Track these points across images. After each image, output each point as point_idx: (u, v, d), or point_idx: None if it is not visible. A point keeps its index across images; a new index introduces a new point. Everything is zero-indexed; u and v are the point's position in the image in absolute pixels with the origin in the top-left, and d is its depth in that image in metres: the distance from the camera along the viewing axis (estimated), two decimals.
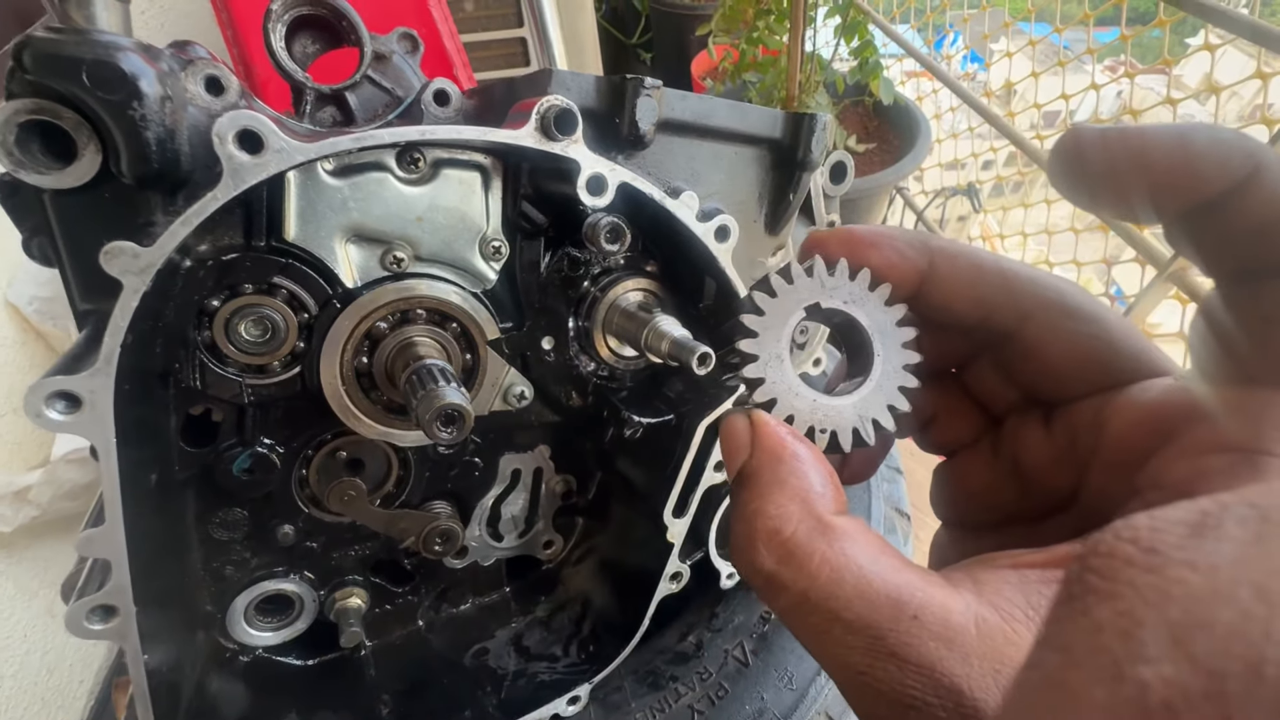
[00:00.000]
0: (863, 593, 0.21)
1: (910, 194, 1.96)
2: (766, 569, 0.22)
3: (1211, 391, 0.22)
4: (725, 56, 1.83)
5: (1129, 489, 0.24)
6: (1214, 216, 0.21)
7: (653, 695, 0.59)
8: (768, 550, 0.22)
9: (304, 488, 0.53)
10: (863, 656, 0.20)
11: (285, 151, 0.34)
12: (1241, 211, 0.21)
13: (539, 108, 0.39)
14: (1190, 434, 0.23)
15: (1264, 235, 0.21)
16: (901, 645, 0.19)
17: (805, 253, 0.30)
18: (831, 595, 0.21)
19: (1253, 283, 0.22)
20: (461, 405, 0.40)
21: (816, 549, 0.22)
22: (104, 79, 0.34)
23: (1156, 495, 0.22)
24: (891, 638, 0.20)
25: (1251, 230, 0.21)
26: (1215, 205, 0.21)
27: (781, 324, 0.28)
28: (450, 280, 0.50)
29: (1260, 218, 0.20)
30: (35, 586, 1.37)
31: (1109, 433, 0.25)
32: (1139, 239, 1.06)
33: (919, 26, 1.92)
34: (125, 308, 0.32)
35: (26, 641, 1.36)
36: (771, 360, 0.28)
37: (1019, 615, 0.20)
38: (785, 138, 0.51)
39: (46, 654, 1.40)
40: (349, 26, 0.57)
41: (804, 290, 0.28)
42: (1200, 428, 0.22)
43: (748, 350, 0.27)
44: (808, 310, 0.28)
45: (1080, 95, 1.37)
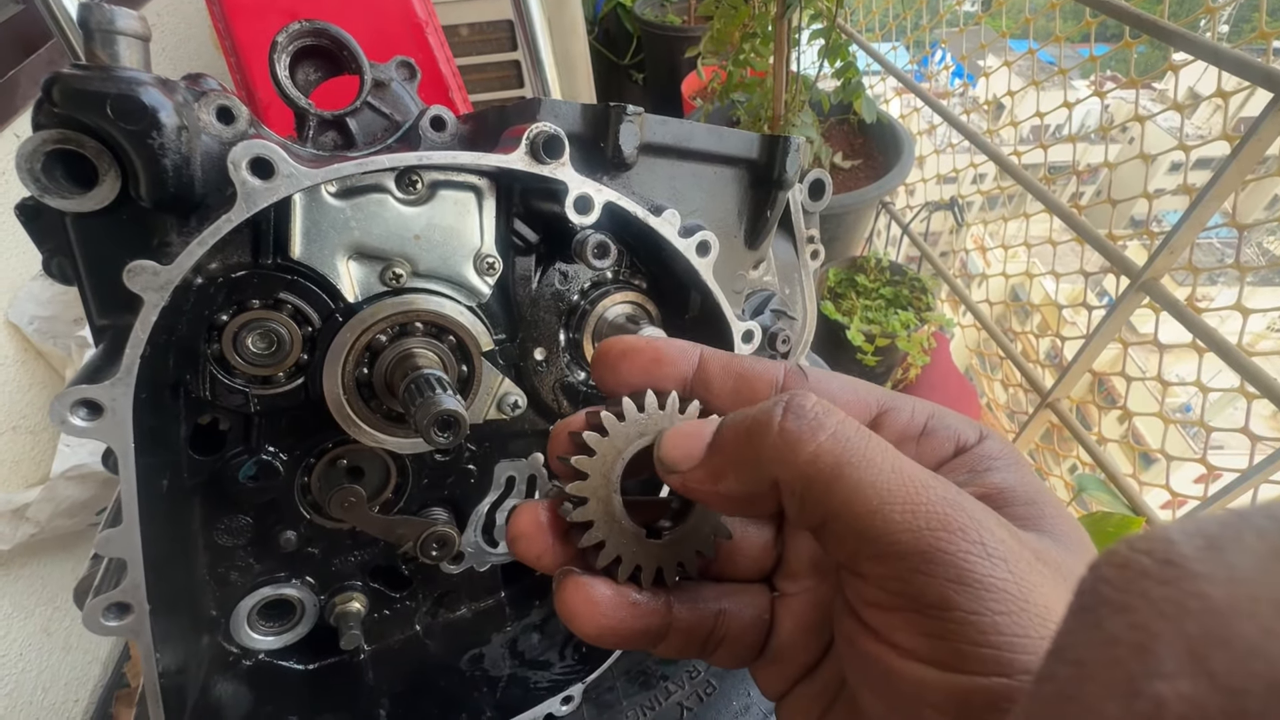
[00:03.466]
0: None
1: (897, 208, 2.01)
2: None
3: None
4: (714, 77, 1.89)
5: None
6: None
7: (643, 694, 0.61)
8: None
9: (306, 495, 0.55)
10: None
11: (294, 176, 0.37)
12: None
13: (529, 133, 0.42)
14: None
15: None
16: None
17: (605, 360, 0.30)
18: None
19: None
20: (457, 411, 0.42)
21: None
22: (127, 111, 0.36)
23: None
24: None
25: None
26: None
27: (613, 462, 0.28)
28: (447, 295, 0.52)
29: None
30: (32, 605, 1.38)
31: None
32: (1112, 250, 1.10)
33: (907, 44, 1.98)
34: (145, 322, 0.35)
35: (22, 660, 1.36)
36: (600, 502, 0.28)
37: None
38: (761, 158, 0.54)
39: (42, 672, 1.40)
40: (349, 56, 0.60)
41: (634, 427, 0.29)
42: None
43: (576, 494, 0.28)
44: (641, 448, 0.29)
45: (1055, 111, 1.42)
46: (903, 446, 0.27)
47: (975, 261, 2.32)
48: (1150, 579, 0.12)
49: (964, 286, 1.83)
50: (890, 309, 1.77)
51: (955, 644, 0.20)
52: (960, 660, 0.20)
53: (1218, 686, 0.11)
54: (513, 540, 0.30)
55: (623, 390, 0.30)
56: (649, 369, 0.30)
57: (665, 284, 0.59)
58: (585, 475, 0.28)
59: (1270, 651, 0.11)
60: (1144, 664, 0.12)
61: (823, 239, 0.74)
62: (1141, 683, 0.11)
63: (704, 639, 0.30)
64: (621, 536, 0.29)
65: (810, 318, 0.75)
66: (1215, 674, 0.11)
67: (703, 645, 0.30)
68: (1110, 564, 0.14)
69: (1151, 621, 0.12)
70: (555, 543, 0.29)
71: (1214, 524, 0.13)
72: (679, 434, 0.27)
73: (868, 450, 0.23)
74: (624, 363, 0.30)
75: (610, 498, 0.29)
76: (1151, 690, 0.11)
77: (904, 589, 0.22)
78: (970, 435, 0.28)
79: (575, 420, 0.30)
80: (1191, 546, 0.12)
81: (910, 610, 0.22)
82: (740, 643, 0.30)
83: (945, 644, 0.21)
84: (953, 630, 0.21)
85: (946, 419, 0.29)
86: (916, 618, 0.21)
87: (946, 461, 0.28)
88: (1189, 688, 0.11)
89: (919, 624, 0.21)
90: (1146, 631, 0.12)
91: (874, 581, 0.22)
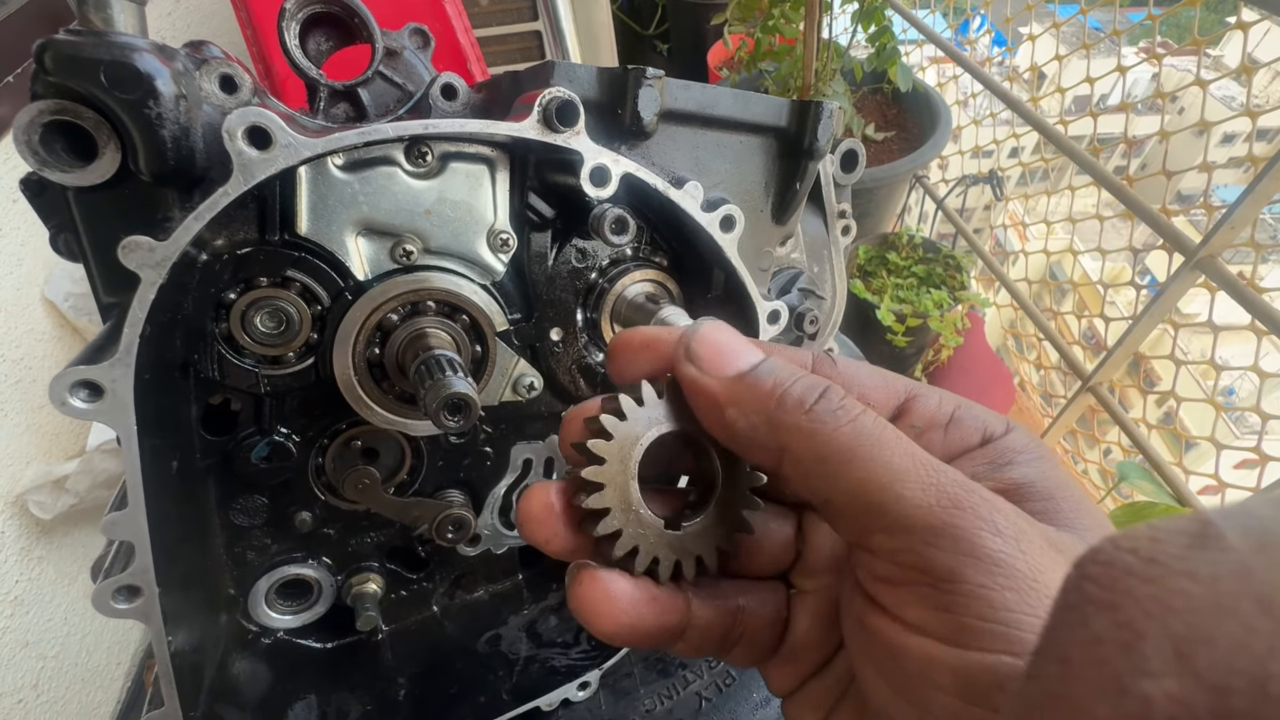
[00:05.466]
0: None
1: (931, 182, 1.93)
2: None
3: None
4: (741, 46, 1.82)
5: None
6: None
7: (662, 682, 0.60)
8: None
9: (320, 476, 0.55)
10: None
11: (292, 147, 0.35)
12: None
13: (541, 99, 0.40)
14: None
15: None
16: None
17: (626, 351, 0.30)
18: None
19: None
20: (467, 394, 0.40)
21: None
22: (121, 79, 0.35)
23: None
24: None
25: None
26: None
27: (631, 448, 0.27)
28: (459, 272, 0.51)
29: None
30: (74, 571, 1.43)
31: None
32: (1166, 225, 1.04)
33: (942, 10, 1.88)
34: (143, 300, 0.34)
35: (67, 624, 1.42)
36: (617, 489, 0.27)
37: None
38: (791, 126, 0.50)
39: (85, 636, 1.46)
40: (361, 24, 0.58)
41: (654, 412, 0.28)
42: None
43: (592, 479, 0.27)
44: (660, 435, 0.28)
45: (1105, 78, 1.33)
46: (930, 433, 0.28)
47: (1011, 238, 2.23)
48: (1135, 577, 0.13)
49: (1000, 264, 1.76)
50: (922, 288, 1.70)
51: (963, 618, 0.21)
52: (967, 635, 0.21)
53: (1203, 684, 0.11)
54: (523, 523, 0.29)
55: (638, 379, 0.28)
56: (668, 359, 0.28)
57: (687, 261, 0.56)
58: (602, 461, 0.27)
59: (1254, 648, 0.11)
60: (1130, 662, 0.12)
61: (855, 214, 0.70)
62: (1128, 681, 0.11)
63: (722, 637, 0.29)
64: (639, 526, 0.27)
65: (840, 297, 0.72)
66: (1201, 672, 0.11)
67: (721, 643, 0.29)
68: (1095, 562, 0.14)
69: (1137, 620, 0.12)
70: (566, 528, 0.29)
71: (1197, 522, 0.13)
72: (718, 340, 0.27)
73: (884, 434, 0.24)
74: (645, 354, 0.29)
75: (628, 485, 0.27)
76: (1138, 689, 0.11)
77: (915, 561, 0.22)
78: (997, 427, 0.28)
79: (590, 405, 0.29)
80: (1176, 545, 0.12)
81: (920, 584, 0.22)
82: (757, 640, 0.30)
83: (953, 618, 0.21)
84: (961, 603, 0.21)
85: (974, 410, 0.29)
86: (926, 591, 0.22)
87: (971, 450, 0.28)
88: (1175, 686, 0.11)
89: (928, 597, 0.22)
90: (1132, 630, 0.12)
91: (885, 555, 0.23)
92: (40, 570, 1.35)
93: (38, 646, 1.34)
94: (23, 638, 1.29)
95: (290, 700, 0.56)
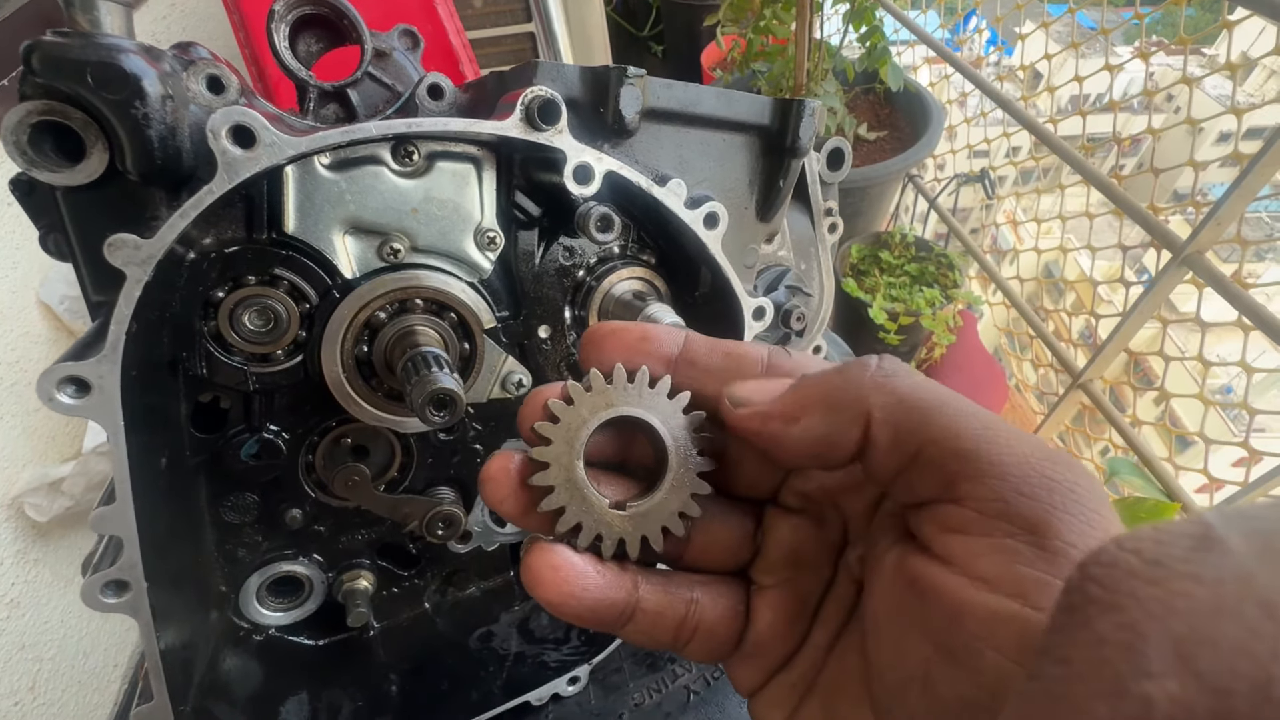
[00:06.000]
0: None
1: (923, 181, 1.93)
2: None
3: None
4: (734, 46, 1.82)
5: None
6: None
7: (650, 676, 0.60)
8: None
9: (311, 473, 0.55)
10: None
11: (276, 145, 0.35)
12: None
13: (523, 99, 0.40)
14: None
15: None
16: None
17: (591, 340, 0.30)
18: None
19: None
20: (452, 390, 0.41)
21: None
22: (107, 79, 0.35)
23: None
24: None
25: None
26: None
27: (578, 430, 0.28)
28: (447, 270, 0.51)
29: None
30: (71, 574, 1.43)
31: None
32: (1153, 222, 1.04)
33: (935, 10, 1.89)
34: (129, 297, 0.34)
35: (64, 626, 1.42)
36: (563, 469, 0.28)
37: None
38: (774, 124, 0.51)
39: (82, 639, 1.46)
40: (350, 25, 0.59)
41: (601, 397, 0.28)
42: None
43: (539, 459, 0.28)
44: (606, 419, 0.28)
45: (1100, 78, 1.33)
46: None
47: (1006, 237, 2.23)
48: (1138, 579, 0.12)
49: (994, 263, 1.76)
50: (915, 286, 1.71)
51: (1044, 574, 0.19)
52: (1044, 594, 0.19)
53: (1204, 686, 0.11)
54: (482, 483, 0.30)
55: (605, 369, 0.29)
56: (635, 347, 0.29)
57: (674, 259, 0.57)
58: (548, 442, 0.28)
59: (1256, 651, 0.11)
60: (1132, 664, 0.12)
61: (846, 214, 0.71)
62: (1130, 682, 0.11)
63: (676, 626, 0.29)
64: (583, 505, 0.28)
65: (828, 294, 0.72)
66: (1202, 674, 0.11)
67: (675, 633, 0.29)
68: (1099, 563, 0.13)
69: (1139, 621, 0.12)
70: (518, 489, 0.29)
71: (1200, 525, 0.13)
72: (752, 382, 0.28)
73: (957, 395, 0.24)
74: (609, 341, 0.29)
75: (573, 465, 0.28)
76: (1139, 690, 0.11)
77: (1003, 510, 0.21)
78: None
79: (551, 389, 0.30)
80: (1179, 547, 0.12)
81: (1002, 535, 0.21)
82: (715, 635, 0.30)
83: (1032, 573, 0.20)
84: (1045, 559, 0.20)
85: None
86: (1008, 542, 0.21)
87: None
88: (1176, 687, 0.11)
89: (1008, 549, 0.21)
90: (1134, 631, 0.12)
91: (971, 503, 0.22)
92: (36, 573, 1.35)
93: (34, 649, 1.34)
94: (19, 640, 1.29)
95: (282, 697, 0.56)
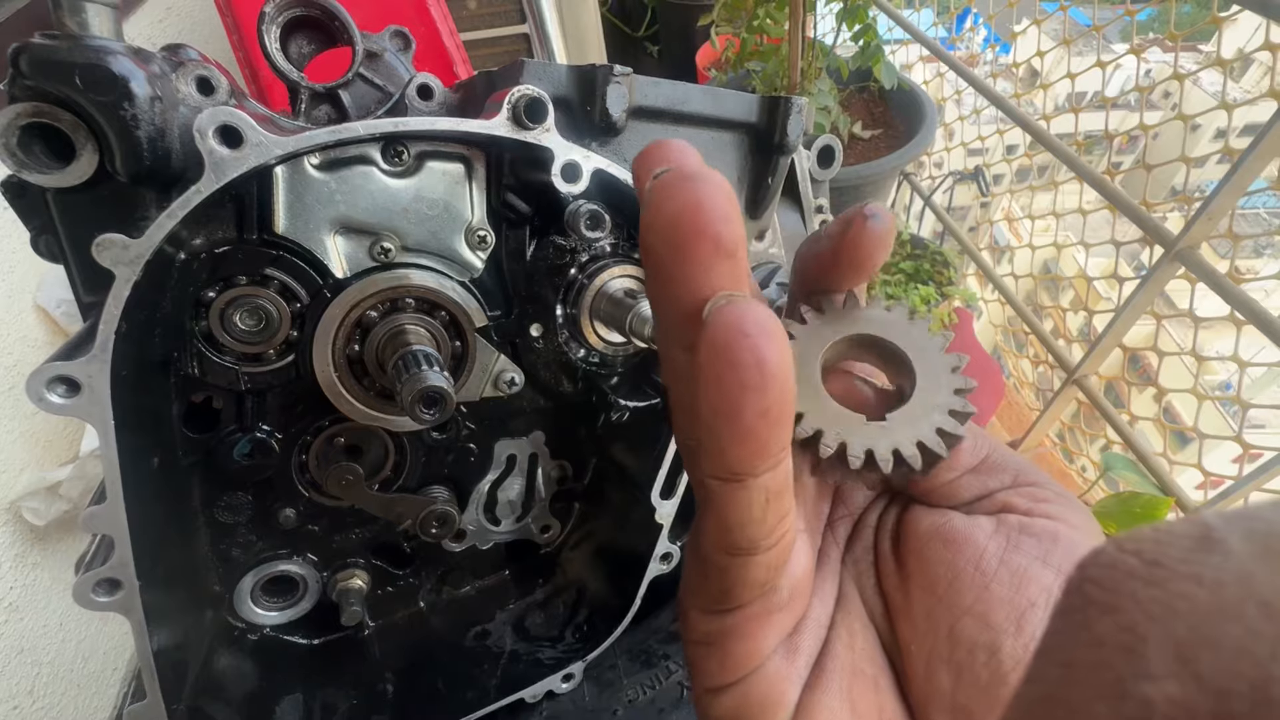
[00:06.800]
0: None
1: (918, 179, 1.94)
2: None
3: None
4: (728, 46, 1.83)
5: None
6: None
7: (645, 672, 0.61)
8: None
9: (304, 473, 0.55)
10: None
11: (264, 145, 0.35)
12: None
13: (510, 97, 0.41)
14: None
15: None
16: None
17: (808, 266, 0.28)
18: None
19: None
20: (442, 388, 0.41)
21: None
22: (96, 81, 0.36)
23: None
24: None
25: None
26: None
27: (816, 352, 0.26)
28: (438, 270, 0.51)
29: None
30: (69, 577, 1.43)
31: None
32: (1145, 217, 1.05)
33: (929, 7, 1.89)
34: (118, 296, 0.34)
35: (62, 630, 1.42)
36: (801, 379, 0.25)
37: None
38: (761, 122, 0.51)
39: (81, 642, 1.46)
40: (341, 26, 0.59)
41: (838, 315, 0.26)
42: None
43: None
44: (847, 334, 0.26)
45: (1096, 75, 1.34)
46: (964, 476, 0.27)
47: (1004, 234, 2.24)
48: (1138, 579, 0.12)
49: (989, 260, 1.77)
50: (910, 284, 1.71)
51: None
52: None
53: (1205, 688, 0.11)
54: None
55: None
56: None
57: None
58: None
59: (1256, 652, 0.10)
60: (1132, 666, 0.12)
61: (840, 212, 0.71)
62: (1129, 684, 0.11)
63: (783, 515, 0.22)
64: (824, 411, 0.25)
65: None
66: (1202, 676, 0.11)
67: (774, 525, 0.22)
68: (1097, 564, 0.13)
69: (1139, 623, 0.12)
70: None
71: (1200, 525, 0.13)
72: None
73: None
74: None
75: (813, 371, 0.25)
76: (1139, 692, 0.11)
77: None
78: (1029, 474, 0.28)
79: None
80: (1179, 548, 0.12)
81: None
82: (786, 555, 0.23)
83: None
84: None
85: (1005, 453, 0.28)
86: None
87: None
88: (1177, 689, 0.11)
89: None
90: (1134, 633, 0.12)
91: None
92: (35, 576, 1.35)
93: (33, 653, 1.34)
94: (17, 644, 1.29)
95: (277, 696, 0.57)
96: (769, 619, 0.24)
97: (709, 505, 0.21)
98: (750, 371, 0.18)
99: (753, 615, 0.24)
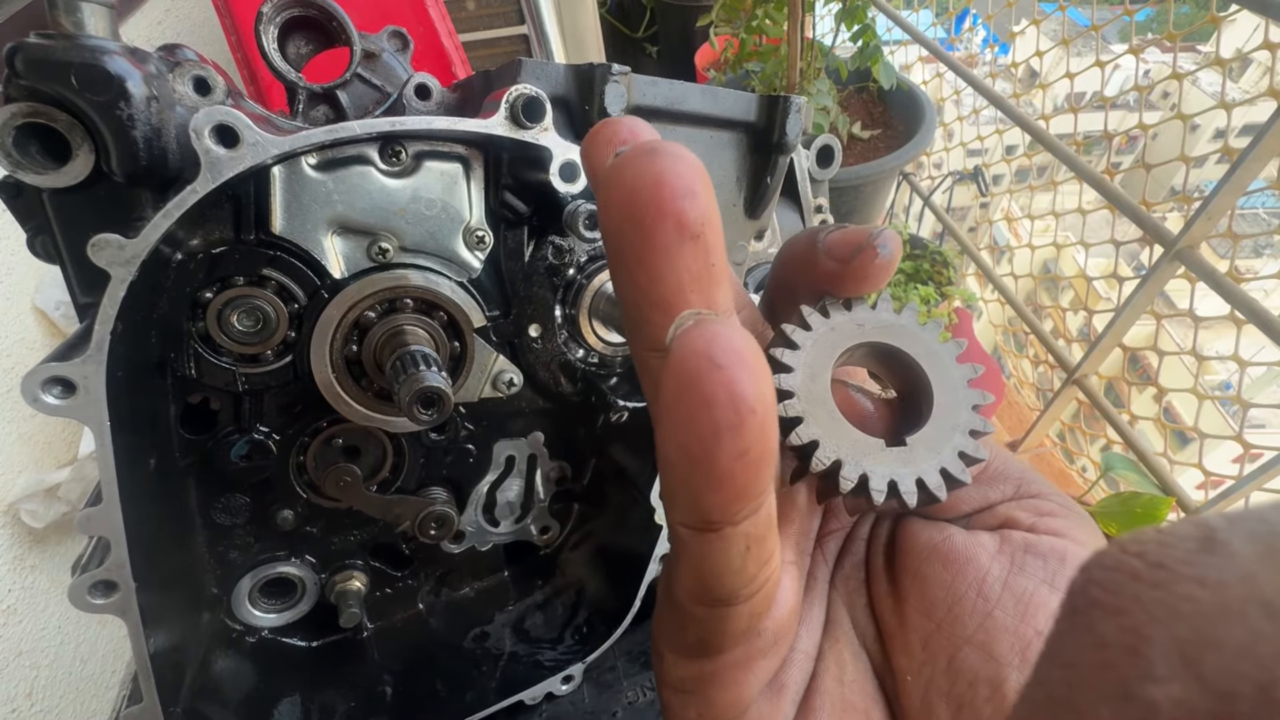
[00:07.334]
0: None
1: (917, 179, 1.94)
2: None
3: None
4: (727, 46, 1.83)
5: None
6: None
7: (644, 674, 0.60)
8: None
9: (302, 474, 0.55)
10: None
11: (260, 145, 0.35)
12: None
13: (508, 96, 0.40)
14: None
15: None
16: None
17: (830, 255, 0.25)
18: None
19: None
20: (440, 388, 0.41)
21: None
22: (91, 81, 0.35)
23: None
24: None
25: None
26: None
27: (827, 364, 0.23)
28: (436, 270, 0.51)
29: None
30: (67, 580, 1.43)
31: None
32: (1144, 217, 1.05)
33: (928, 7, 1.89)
34: (113, 297, 0.34)
35: (61, 632, 1.42)
36: (812, 398, 0.23)
37: None
38: (760, 120, 0.51)
39: (80, 645, 1.45)
40: (339, 26, 0.59)
41: (845, 320, 0.24)
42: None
43: (783, 387, 0.23)
44: (857, 343, 0.24)
45: (1086, 73, 1.34)
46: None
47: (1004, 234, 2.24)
48: (1142, 582, 0.12)
49: (989, 260, 1.77)
50: (910, 284, 1.71)
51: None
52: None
53: (1209, 689, 0.11)
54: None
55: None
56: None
57: None
58: (790, 369, 0.23)
59: (1260, 653, 0.10)
60: (1136, 667, 0.12)
61: (840, 212, 0.71)
62: (1134, 686, 0.11)
63: (766, 560, 0.20)
64: (841, 437, 0.22)
65: None
66: (1207, 677, 0.11)
67: (754, 572, 0.20)
68: (1101, 566, 0.13)
69: (1143, 625, 0.12)
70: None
71: (1203, 527, 0.13)
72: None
73: None
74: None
75: (825, 394, 0.23)
76: (1144, 693, 0.11)
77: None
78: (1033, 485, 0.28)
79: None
80: (1182, 550, 0.12)
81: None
82: (771, 597, 0.22)
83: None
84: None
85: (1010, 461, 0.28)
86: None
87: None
88: (1180, 690, 0.11)
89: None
90: (1138, 635, 0.12)
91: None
92: (33, 579, 1.35)
93: (31, 655, 1.34)
94: (16, 646, 1.29)
95: (275, 698, 0.56)
96: (751, 665, 0.22)
97: (682, 554, 0.19)
98: (724, 410, 0.15)
99: (734, 662, 0.22)
